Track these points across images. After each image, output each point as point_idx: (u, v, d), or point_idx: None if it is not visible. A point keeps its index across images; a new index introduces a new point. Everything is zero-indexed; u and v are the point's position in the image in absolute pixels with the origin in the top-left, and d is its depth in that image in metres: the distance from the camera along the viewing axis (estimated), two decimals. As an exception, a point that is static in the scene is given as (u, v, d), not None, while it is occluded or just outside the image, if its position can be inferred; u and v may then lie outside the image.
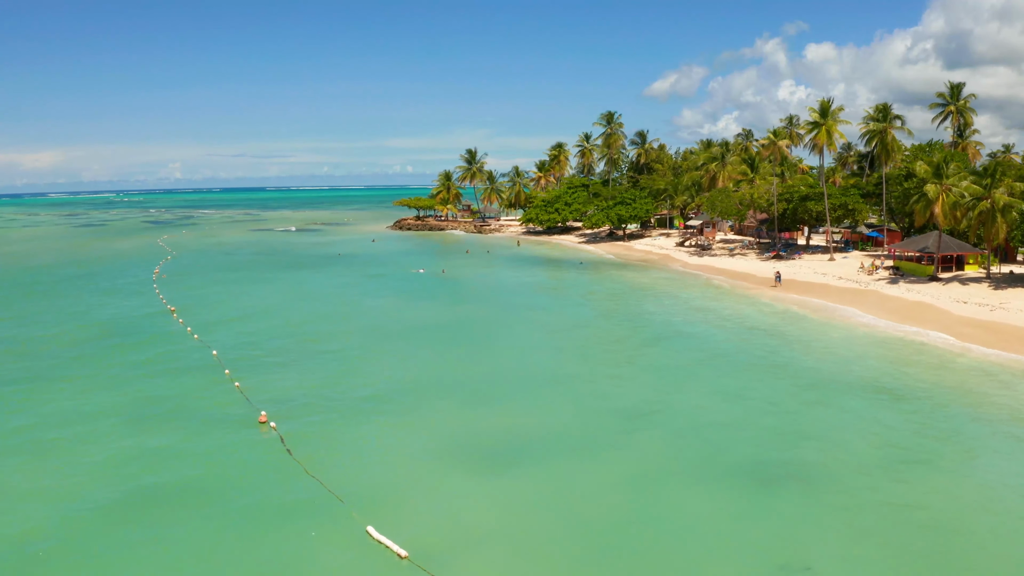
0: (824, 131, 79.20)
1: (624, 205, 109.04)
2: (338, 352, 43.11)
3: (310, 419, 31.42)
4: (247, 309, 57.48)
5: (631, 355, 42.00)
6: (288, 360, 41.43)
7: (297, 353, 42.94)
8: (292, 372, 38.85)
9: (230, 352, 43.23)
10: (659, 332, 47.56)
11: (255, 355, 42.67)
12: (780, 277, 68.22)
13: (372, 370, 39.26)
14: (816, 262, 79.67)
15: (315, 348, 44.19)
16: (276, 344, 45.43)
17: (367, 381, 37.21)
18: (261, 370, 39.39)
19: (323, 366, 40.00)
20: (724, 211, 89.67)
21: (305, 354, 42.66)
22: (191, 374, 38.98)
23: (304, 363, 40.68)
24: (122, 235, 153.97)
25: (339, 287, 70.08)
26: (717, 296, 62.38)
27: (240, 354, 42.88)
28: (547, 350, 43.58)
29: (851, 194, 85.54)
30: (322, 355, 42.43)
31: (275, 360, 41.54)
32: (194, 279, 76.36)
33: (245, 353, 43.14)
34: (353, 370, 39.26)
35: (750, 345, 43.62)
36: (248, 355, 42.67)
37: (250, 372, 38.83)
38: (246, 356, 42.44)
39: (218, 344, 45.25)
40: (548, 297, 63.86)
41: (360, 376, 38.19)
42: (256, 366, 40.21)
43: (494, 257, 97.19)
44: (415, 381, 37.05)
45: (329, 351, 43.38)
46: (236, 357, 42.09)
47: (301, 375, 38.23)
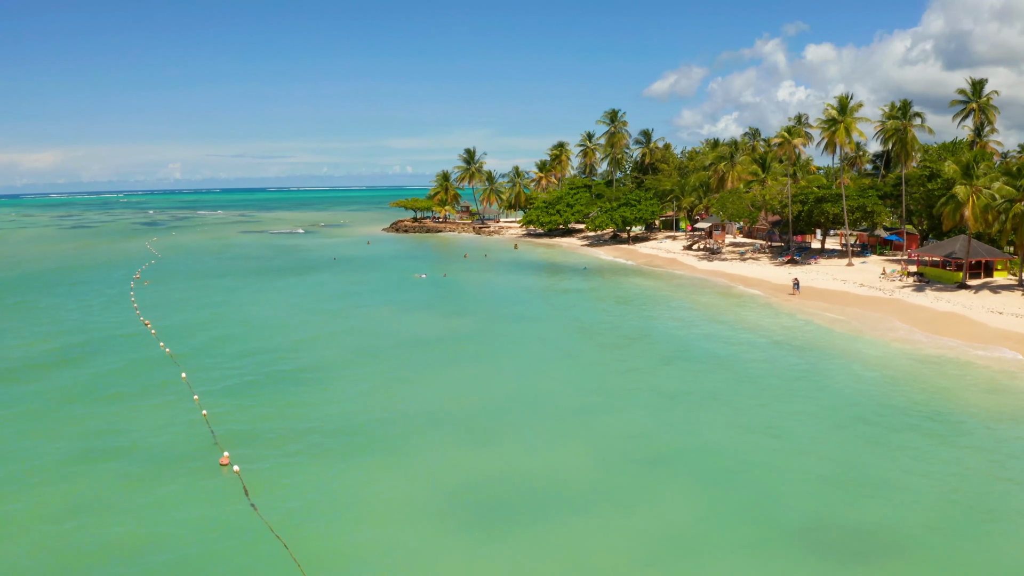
0: (843, 129, 74.93)
1: (629, 207, 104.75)
2: (321, 373, 38.77)
3: (281, 460, 27.11)
4: (228, 321, 53.17)
5: (648, 378, 37.61)
6: (265, 383, 37.09)
7: (276, 374, 38.63)
8: (268, 398, 34.54)
9: (203, 373, 38.95)
10: (676, 349, 43.21)
11: (230, 376, 38.35)
12: (799, 284, 63.96)
13: (356, 397, 34.92)
14: (833, 267, 75.45)
15: (296, 368, 39.86)
16: (255, 363, 41.10)
17: (350, 411, 32.88)
18: (234, 395, 35.09)
19: (303, 391, 35.66)
20: (735, 213, 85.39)
21: (285, 376, 38.34)
22: (154, 400, 34.69)
23: (282, 387, 36.34)
24: (111, 237, 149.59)
25: (329, 295, 65.77)
26: (733, 306, 58.08)
27: (213, 375, 38.59)
28: (552, 372, 39.25)
29: (869, 195, 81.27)
30: (303, 377, 38.10)
31: (251, 382, 37.22)
32: (175, 285, 72.05)
33: (219, 374, 38.84)
34: (335, 397, 34.91)
35: (779, 365, 39.31)
36: (222, 376, 38.36)
37: (221, 398, 34.54)
38: (220, 377, 38.13)
39: (191, 362, 41.01)
40: (551, 307, 59.53)
41: (342, 404, 33.86)
42: (229, 390, 35.90)
43: (493, 261, 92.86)
44: (404, 411, 32.70)
45: (311, 372, 39.05)
46: (208, 379, 37.80)
47: (277, 402, 33.91)
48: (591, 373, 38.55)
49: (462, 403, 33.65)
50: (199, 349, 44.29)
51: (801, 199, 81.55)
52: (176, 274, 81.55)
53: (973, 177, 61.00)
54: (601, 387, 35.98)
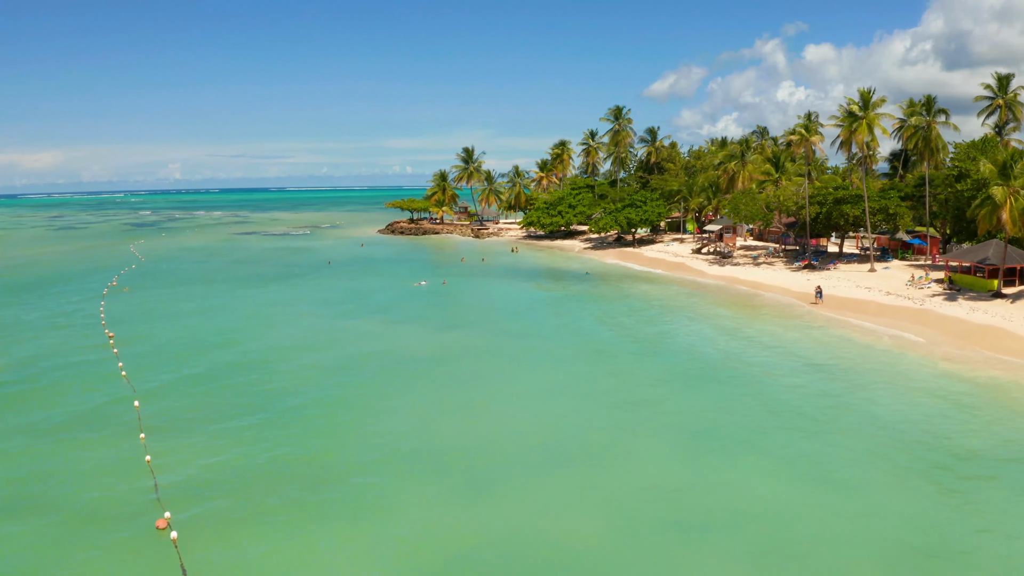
0: (865, 125, 70.16)
1: (634, 208, 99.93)
2: (294, 404, 33.96)
3: (231, 523, 22.33)
4: (201, 337, 48.37)
5: (668, 410, 32.72)
6: (229, 416, 32.32)
7: (243, 405, 33.83)
8: (228, 437, 29.74)
9: (159, 401, 34.21)
10: (698, 372, 38.30)
11: (188, 407, 33.58)
12: (821, 293, 59.19)
13: (330, 435, 30.10)
14: (854, 273, 70.67)
15: (267, 397, 35.04)
16: (220, 390, 36.32)
17: (321, 453, 28.08)
18: (189, 432, 30.31)
19: (270, 427, 30.87)
20: (749, 215, 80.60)
21: (252, 407, 33.52)
22: (97, 435, 29.98)
23: (247, 422, 31.56)
24: (99, 239, 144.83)
25: (315, 304, 61.01)
26: (755, 317, 53.27)
27: (171, 405, 33.84)
28: (558, 402, 34.39)
29: (890, 196, 76.49)
30: (273, 409, 33.31)
31: (212, 415, 32.43)
32: (152, 293, 67.30)
33: (177, 403, 34.08)
34: (306, 434, 30.10)
35: (820, 391, 34.41)
36: (180, 407, 33.59)
37: (174, 436, 29.78)
38: (177, 408, 33.38)
39: (149, 387, 36.31)
40: (554, 319, 54.70)
41: (313, 443, 29.07)
42: (184, 425, 31.11)
43: (491, 266, 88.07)
44: (384, 454, 27.92)
45: (283, 402, 34.24)
46: (164, 410, 33.07)
47: (238, 442, 29.11)
48: (603, 403, 33.68)
49: (453, 442, 28.86)
50: (161, 371, 39.52)
51: (819, 200, 76.76)
52: (156, 281, 76.79)
53: (1011, 177, 56.23)
54: (615, 422, 31.14)
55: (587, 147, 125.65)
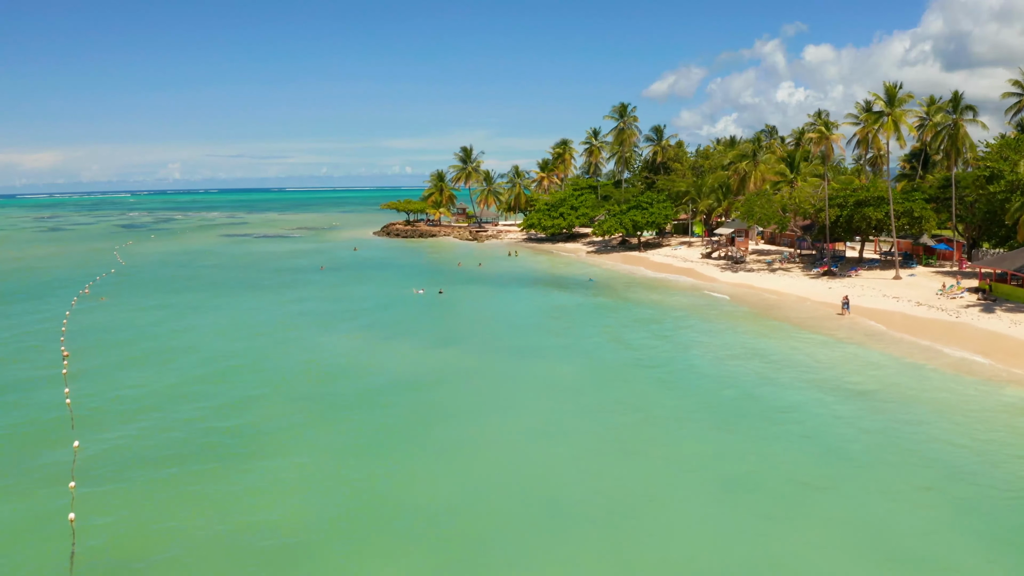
0: (891, 122, 65.35)
1: (640, 210, 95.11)
2: (257, 445, 29.11)
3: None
4: (167, 357, 43.48)
5: (695, 452, 27.72)
6: (179, 460, 27.48)
7: (198, 447, 28.97)
8: (173, 490, 24.88)
9: (101, 441, 29.44)
10: (725, 400, 33.40)
11: (135, 447, 28.81)
12: (848, 304, 54.43)
13: (293, 488, 25.16)
14: (878, 281, 65.91)
15: (227, 436, 30.22)
16: (175, 423, 31.53)
17: (279, 513, 23.24)
18: (129, 481, 25.54)
19: (225, 478, 25.99)
20: (764, 218, 75.79)
21: (209, 450, 28.63)
22: (23, 485, 25.25)
23: (200, 470, 26.71)
24: (84, 241, 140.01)
25: (299, 316, 56.25)
26: (778, 332, 48.42)
27: (114, 444, 29.08)
28: (563, 440, 29.49)
29: (915, 199, 71.72)
30: (232, 452, 28.47)
31: (158, 458, 27.62)
32: (123, 302, 62.51)
33: (122, 442, 29.29)
34: (265, 487, 25.20)
35: (876, 428, 29.23)
36: (125, 447, 28.82)
37: (108, 486, 25.04)
38: (121, 449, 28.61)
39: (93, 418, 31.61)
40: (556, 333, 49.83)
41: (271, 500, 24.22)
42: (124, 473, 26.32)
43: (489, 272, 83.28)
44: (358, 511, 23.12)
45: (244, 442, 29.39)
46: (104, 451, 28.33)
47: (184, 499, 24.25)
48: (615, 443, 28.81)
49: (438, 496, 24.06)
50: (112, 400, 34.73)
51: (839, 202, 71.96)
52: (131, 288, 71.99)
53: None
54: (630, 469, 26.26)
55: (590, 146, 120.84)
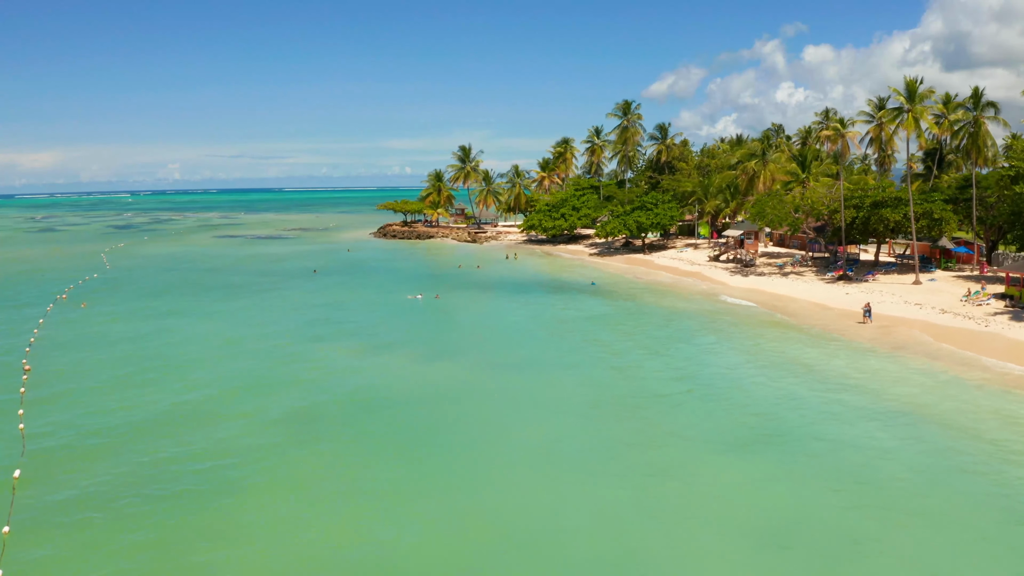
0: (911, 118, 62.03)
1: (644, 211, 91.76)
2: (225, 480, 25.72)
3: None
4: (137, 372, 40.07)
5: (726, 495, 24.19)
6: (134, 503, 24.11)
7: (157, 481, 25.62)
8: (123, 536, 21.56)
9: (48, 477, 26.05)
10: (754, 428, 29.67)
11: (87, 484, 25.42)
12: (870, 311, 51.05)
13: (265, 534, 21.85)
14: (897, 286, 62.55)
15: (192, 465, 26.87)
16: (135, 456, 28.11)
17: (248, 564, 19.93)
18: (74, 528, 22.19)
19: (186, 519, 22.63)
20: (776, 219, 72.41)
21: (168, 483, 25.32)
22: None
23: (156, 510, 23.39)
24: (73, 243, 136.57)
25: (286, 324, 52.87)
26: (801, 343, 44.90)
27: (61, 481, 25.67)
28: (570, 478, 25.92)
29: (934, 200, 68.39)
30: (196, 486, 25.13)
31: (112, 499, 24.24)
32: (102, 309, 59.11)
33: (71, 477, 25.88)
34: (233, 529, 21.93)
35: (936, 465, 25.54)
36: (71, 483, 25.41)
37: (44, 533, 21.68)
38: (66, 485, 25.21)
39: (43, 444, 28.31)
40: (558, 346, 46.39)
41: (237, 546, 20.90)
42: (64, 515, 22.95)
43: (489, 275, 79.90)
44: (330, 569, 19.76)
45: (206, 479, 26.02)
46: (49, 490, 24.94)
47: (137, 545, 20.95)
48: (627, 483, 25.26)
49: (428, 551, 20.67)
50: (67, 425, 31.29)
51: (855, 203, 68.60)
52: (113, 294, 68.57)
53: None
54: (650, 514, 22.71)
55: (592, 145, 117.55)
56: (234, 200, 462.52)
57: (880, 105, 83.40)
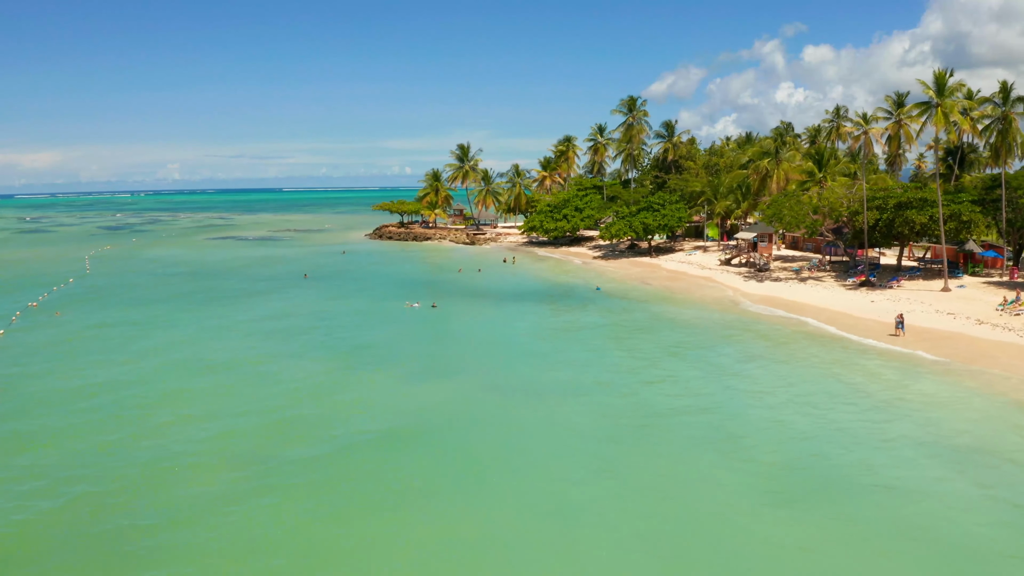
0: (940, 113, 57.82)
1: (651, 211, 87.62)
2: (171, 536, 21.59)
3: None
4: (95, 397, 35.86)
5: (778, 557, 20.05)
6: (62, 565, 20.01)
7: (94, 533, 21.51)
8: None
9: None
10: (799, 469, 25.22)
11: (8, 542, 21.31)
12: (903, 323, 46.84)
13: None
14: (924, 293, 58.43)
15: (125, 512, 22.71)
16: (72, 501, 23.99)
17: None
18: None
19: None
20: (793, 221, 68.19)
21: (107, 538, 21.19)
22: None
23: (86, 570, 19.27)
24: (59, 244, 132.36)
25: (267, 337, 48.70)
26: (837, 359, 40.45)
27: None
28: (584, 540, 21.97)
29: (961, 201, 64.22)
30: (138, 541, 20.99)
31: (36, 558, 20.12)
32: (71, 320, 54.91)
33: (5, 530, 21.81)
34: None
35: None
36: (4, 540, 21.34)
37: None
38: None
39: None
40: (562, 364, 42.07)
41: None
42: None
43: (489, 280, 75.71)
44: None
45: (158, 530, 21.88)
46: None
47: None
48: (650, 546, 21.18)
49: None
50: (19, 448, 27.15)
51: (878, 204, 64.42)
52: (87, 301, 64.34)
53: None
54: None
55: (595, 143, 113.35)
56: (231, 200, 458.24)
57: (899, 101, 79.29)
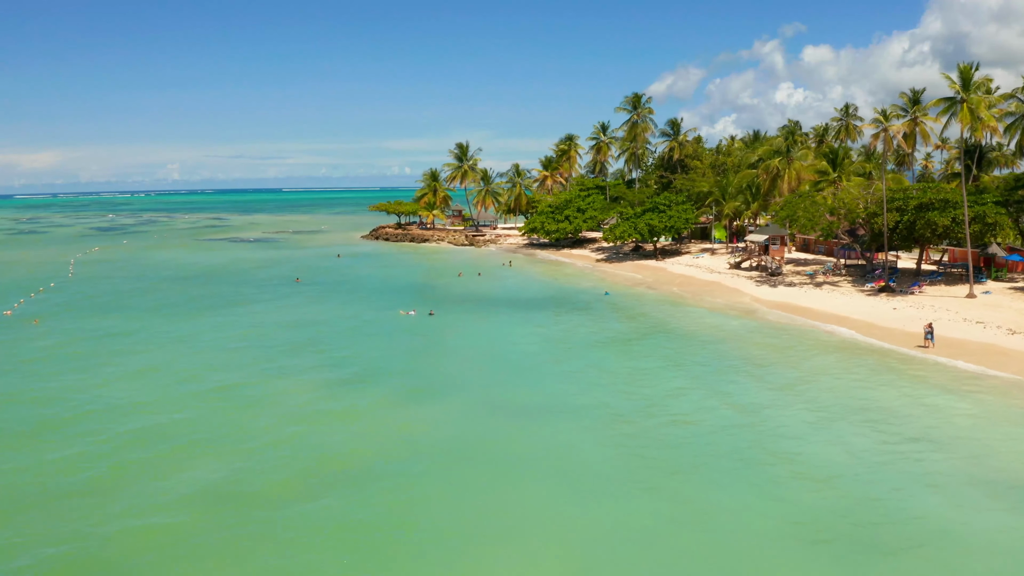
0: (966, 109, 54.51)
1: (657, 212, 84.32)
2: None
3: None
4: (50, 426, 32.63)
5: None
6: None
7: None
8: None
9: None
10: (846, 510, 21.76)
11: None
12: (933, 334, 43.57)
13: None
14: (949, 299, 55.13)
15: (72, 548, 19.45)
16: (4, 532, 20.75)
17: None
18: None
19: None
20: (809, 223, 64.86)
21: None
22: None
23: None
24: (47, 246, 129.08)
25: (250, 348, 45.46)
26: (869, 377, 37.13)
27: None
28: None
29: (985, 202, 60.94)
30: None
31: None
32: (44, 329, 51.65)
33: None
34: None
35: None
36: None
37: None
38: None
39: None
40: (575, 379, 38.74)
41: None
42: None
43: (490, 285, 72.41)
44: None
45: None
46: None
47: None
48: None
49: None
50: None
51: (898, 205, 61.16)
52: (64, 307, 61.05)
53: None
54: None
55: (597, 142, 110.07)
56: (228, 201, 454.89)
57: (915, 98, 75.92)
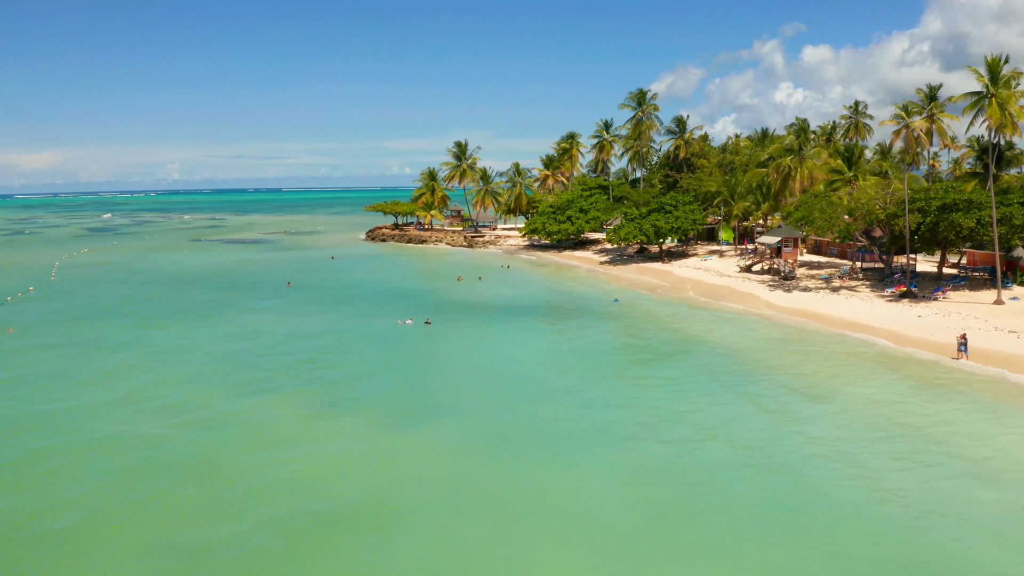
0: (995, 104, 51.30)
1: (663, 213, 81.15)
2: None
3: None
4: (11, 444, 29.52)
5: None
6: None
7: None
8: None
9: None
10: (911, 565, 19.29)
11: None
12: (966, 345, 40.40)
13: None
14: (974, 306, 51.97)
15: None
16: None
17: None
18: None
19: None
20: (825, 224, 61.62)
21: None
22: None
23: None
24: (35, 247, 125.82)
25: (229, 362, 42.24)
26: (928, 398, 33.79)
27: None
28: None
29: (1011, 202, 57.73)
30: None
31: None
32: (13, 340, 48.46)
33: None
34: None
35: None
36: None
37: None
38: None
39: None
40: (582, 399, 35.65)
41: None
42: None
43: (489, 290, 69.19)
44: None
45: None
46: None
47: None
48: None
49: None
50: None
51: (920, 206, 57.97)
52: (41, 316, 57.79)
53: None
54: None
55: (600, 141, 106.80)
56: (226, 201, 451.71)
57: (931, 95, 72.92)
